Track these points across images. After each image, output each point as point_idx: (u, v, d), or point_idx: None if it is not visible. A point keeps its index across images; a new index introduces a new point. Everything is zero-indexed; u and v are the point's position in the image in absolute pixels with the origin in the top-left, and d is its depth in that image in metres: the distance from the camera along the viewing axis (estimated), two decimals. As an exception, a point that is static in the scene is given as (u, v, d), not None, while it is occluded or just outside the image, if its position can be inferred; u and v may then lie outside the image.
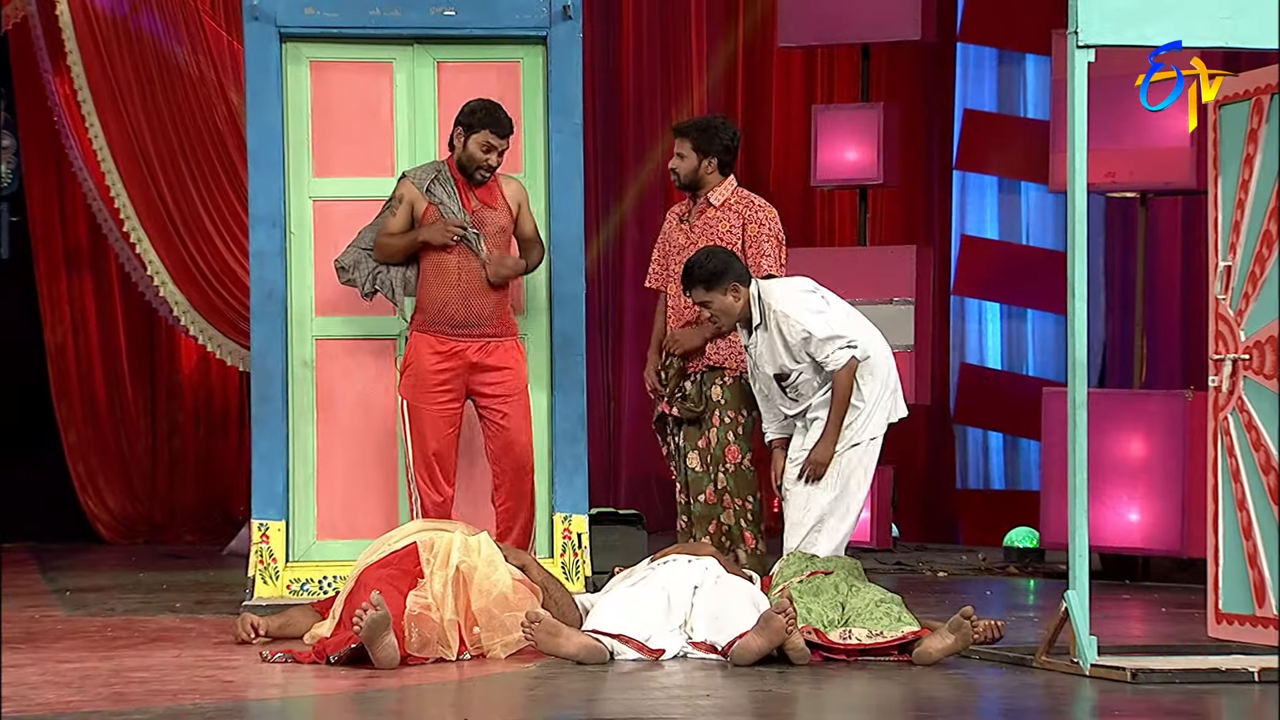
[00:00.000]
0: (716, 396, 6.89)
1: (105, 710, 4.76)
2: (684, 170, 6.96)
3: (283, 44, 7.30)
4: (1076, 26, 5.35)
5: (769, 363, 6.56)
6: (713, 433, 6.88)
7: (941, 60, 10.55)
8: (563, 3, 7.31)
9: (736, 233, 6.91)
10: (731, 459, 6.85)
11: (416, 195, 6.90)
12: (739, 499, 6.84)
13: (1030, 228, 10.54)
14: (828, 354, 6.46)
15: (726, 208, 6.95)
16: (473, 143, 6.83)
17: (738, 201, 6.97)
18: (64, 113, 10.25)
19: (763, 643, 5.49)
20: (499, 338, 6.90)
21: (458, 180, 6.89)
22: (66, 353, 10.77)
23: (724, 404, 6.88)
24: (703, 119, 7.11)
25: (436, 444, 6.84)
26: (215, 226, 10.08)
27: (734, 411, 6.87)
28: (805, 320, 6.46)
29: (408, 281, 6.96)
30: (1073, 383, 5.40)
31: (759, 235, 6.90)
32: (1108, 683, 5.16)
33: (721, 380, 6.89)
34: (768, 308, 6.53)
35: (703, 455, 6.89)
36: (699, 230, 6.96)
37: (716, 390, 6.89)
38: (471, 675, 5.45)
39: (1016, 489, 10.46)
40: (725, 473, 6.85)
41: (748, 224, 6.91)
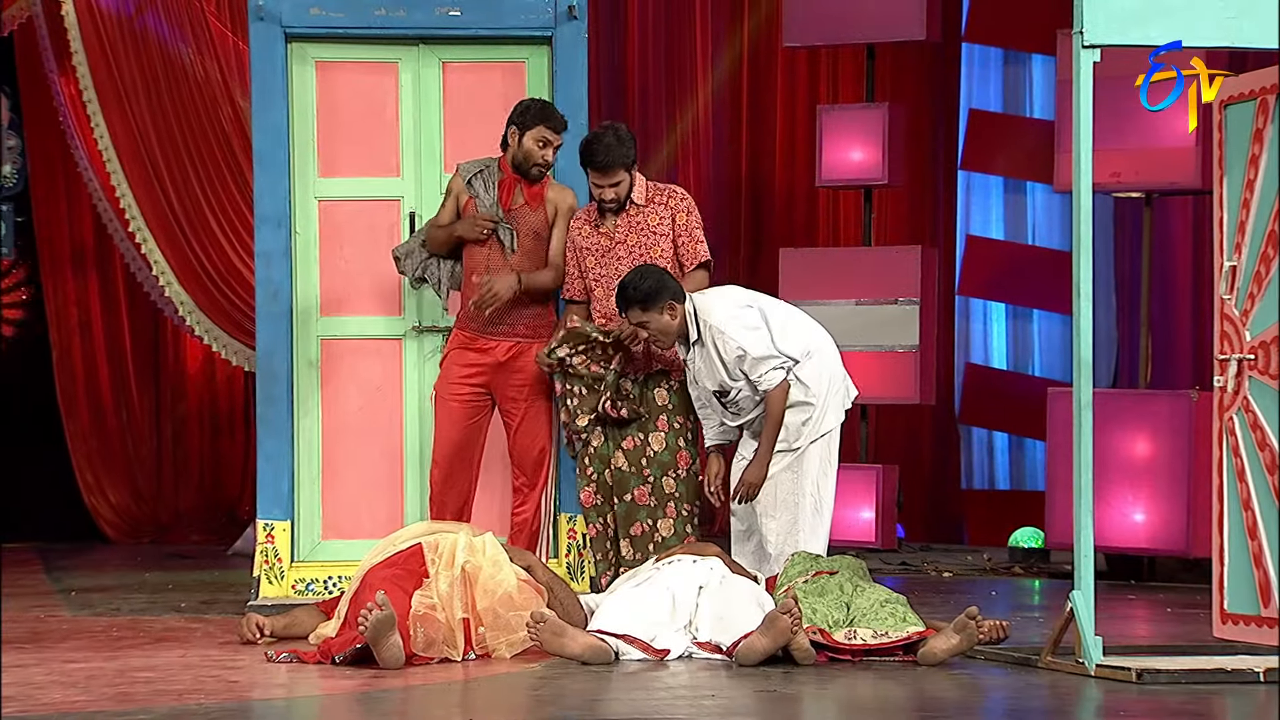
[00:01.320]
0: (662, 401, 6.80)
1: (110, 710, 4.76)
2: (624, 192, 6.77)
3: (288, 44, 7.31)
4: (1082, 26, 5.35)
5: (708, 378, 6.54)
6: (659, 437, 6.77)
7: (946, 60, 10.54)
8: (568, 3, 7.32)
9: (666, 225, 6.81)
10: (683, 464, 6.77)
11: (461, 187, 6.95)
12: (687, 504, 6.79)
13: (1037, 228, 10.53)
14: (761, 374, 6.46)
15: (651, 202, 6.85)
16: (528, 139, 6.85)
17: (658, 194, 6.87)
18: (69, 113, 10.26)
19: (768, 643, 5.49)
20: (529, 339, 6.89)
21: (506, 177, 6.90)
22: (72, 353, 10.79)
23: (671, 409, 6.80)
24: (609, 142, 6.74)
25: (453, 438, 6.86)
26: (220, 226, 10.08)
27: (682, 416, 6.80)
28: (740, 338, 6.44)
29: (455, 275, 6.98)
30: (1078, 383, 5.40)
31: (689, 224, 6.82)
32: (1113, 683, 5.16)
33: (668, 384, 6.81)
34: (704, 324, 6.49)
35: (630, 456, 6.80)
36: (625, 228, 6.82)
37: (662, 394, 6.80)
38: (476, 675, 5.45)
39: (1022, 489, 10.45)
40: (676, 478, 6.76)
41: (676, 214, 6.82)
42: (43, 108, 10.55)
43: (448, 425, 6.89)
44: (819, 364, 6.55)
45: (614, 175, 6.77)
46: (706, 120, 10.97)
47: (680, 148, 11.00)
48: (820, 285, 9.49)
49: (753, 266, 10.78)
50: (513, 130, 6.89)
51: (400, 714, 4.89)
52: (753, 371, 6.45)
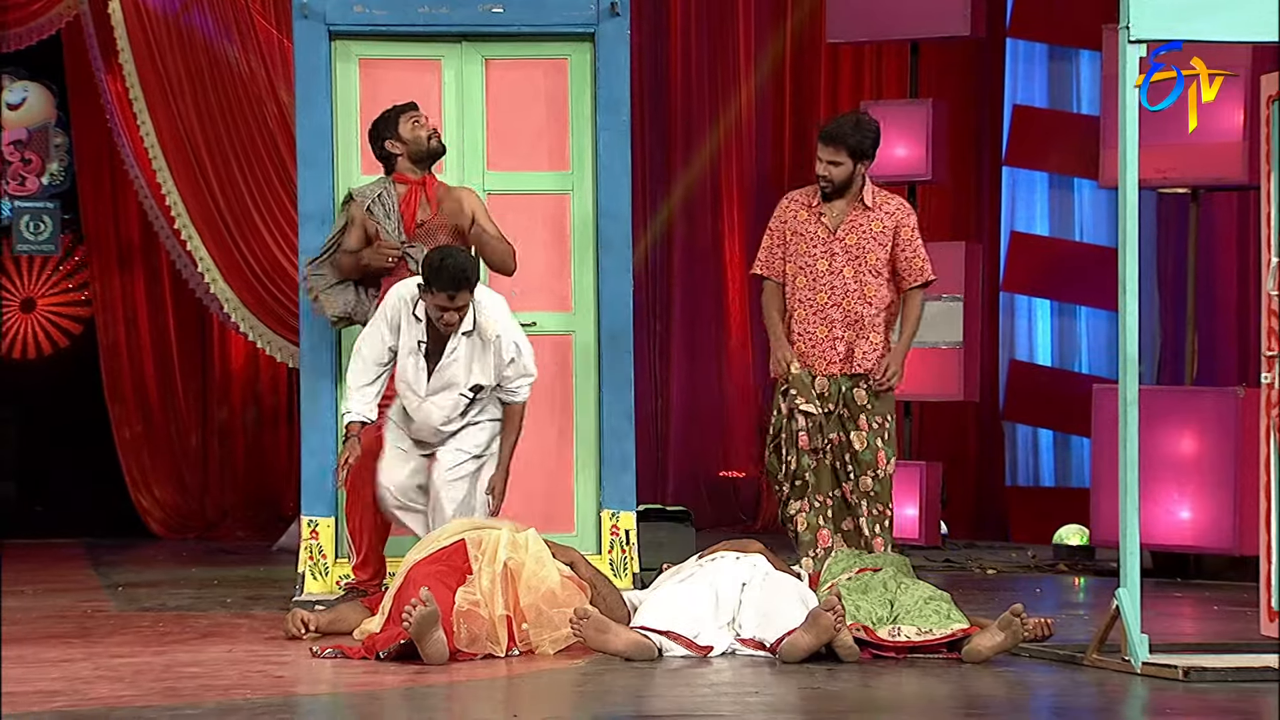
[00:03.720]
0: (862, 401, 6.73)
1: (158, 705, 4.79)
2: (839, 176, 6.71)
3: (332, 42, 7.33)
4: (1128, 21, 5.32)
5: (463, 370, 6.49)
6: (860, 437, 6.71)
7: (991, 56, 10.50)
8: (610, 0, 7.32)
9: (888, 235, 6.74)
10: (882, 464, 6.73)
11: (363, 215, 6.90)
12: (880, 504, 6.74)
13: (1083, 224, 10.48)
14: (518, 385, 6.56)
15: (879, 208, 6.77)
16: (403, 128, 6.85)
17: (886, 203, 6.79)
18: (116, 111, 10.31)
19: (811, 640, 5.48)
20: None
21: (407, 190, 6.85)
22: (119, 350, 10.85)
23: (870, 409, 6.74)
24: (849, 121, 6.78)
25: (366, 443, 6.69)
26: (265, 224, 10.12)
27: (880, 417, 6.74)
28: (522, 346, 6.52)
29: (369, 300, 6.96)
30: (1124, 380, 5.37)
31: (914, 239, 6.76)
32: (1159, 681, 5.13)
33: (866, 384, 6.73)
34: (487, 320, 6.45)
35: (835, 451, 6.74)
36: (849, 228, 6.75)
37: (861, 394, 6.73)
38: (520, 671, 5.46)
39: (1067, 486, 10.41)
40: (875, 478, 6.74)
41: (901, 227, 6.75)
42: (89, 106, 10.62)
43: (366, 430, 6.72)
44: None
45: (834, 150, 6.70)
46: (749, 117, 10.96)
47: (723, 144, 10.99)
48: (864, 282, 9.45)
49: (796, 263, 10.75)
50: (387, 141, 6.86)
51: (445, 710, 4.90)
52: (511, 381, 6.53)
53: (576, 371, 7.43)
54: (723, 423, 11.08)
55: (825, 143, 6.73)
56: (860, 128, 6.73)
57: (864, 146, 6.72)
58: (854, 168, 6.72)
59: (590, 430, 7.39)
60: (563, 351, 7.46)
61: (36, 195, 11.09)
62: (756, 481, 10.92)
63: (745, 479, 10.95)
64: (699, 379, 11.09)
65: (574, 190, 7.46)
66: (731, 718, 4.64)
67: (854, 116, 6.88)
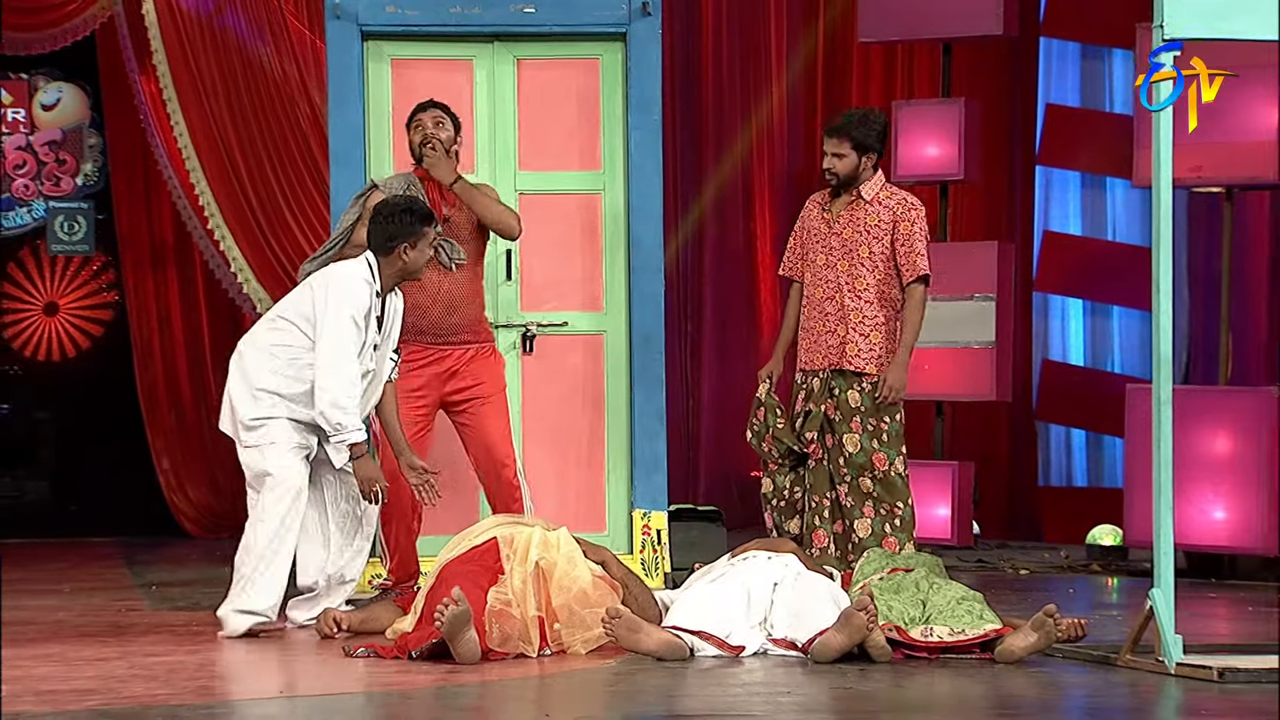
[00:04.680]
0: (855, 403, 6.78)
1: (192, 703, 4.80)
2: (843, 169, 6.79)
3: (364, 42, 7.35)
4: (1163, 20, 5.29)
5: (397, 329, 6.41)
6: (853, 439, 6.77)
7: (1024, 55, 10.47)
8: (642, 0, 7.32)
9: (886, 228, 6.79)
10: (879, 465, 6.77)
11: None
12: (886, 504, 6.77)
13: (1116, 223, 10.44)
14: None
15: (877, 202, 6.81)
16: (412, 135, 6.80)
17: (889, 197, 6.83)
18: (149, 111, 10.36)
19: (843, 640, 5.47)
20: (477, 344, 6.83)
21: (429, 184, 6.81)
22: (152, 350, 10.89)
23: (864, 411, 6.78)
24: (857, 115, 6.87)
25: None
26: (298, 223, 10.15)
27: (874, 418, 6.78)
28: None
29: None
30: (1158, 379, 5.35)
31: (911, 234, 6.77)
32: (1194, 682, 5.11)
33: (859, 386, 6.79)
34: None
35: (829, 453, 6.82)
36: (845, 222, 6.83)
37: (855, 396, 6.78)
38: (552, 671, 5.46)
39: (1099, 486, 10.38)
40: (873, 479, 6.78)
41: (899, 222, 6.78)
42: (123, 107, 10.66)
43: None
44: None
45: (836, 142, 6.79)
46: (781, 116, 10.94)
47: (755, 143, 10.98)
48: (896, 281, 9.44)
49: (828, 262, 10.74)
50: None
51: (477, 709, 4.90)
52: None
53: (608, 371, 7.43)
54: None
55: (829, 135, 6.85)
56: (866, 121, 6.81)
57: (868, 140, 6.78)
58: (858, 161, 6.79)
59: (622, 430, 7.39)
60: (594, 351, 7.46)
61: (71, 195, 11.15)
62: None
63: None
64: (730, 379, 11.08)
65: (605, 190, 7.46)
66: (764, 718, 4.64)
67: (861, 111, 6.95)
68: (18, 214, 11.15)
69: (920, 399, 9.69)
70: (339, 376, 6.13)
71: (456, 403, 6.83)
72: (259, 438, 6.24)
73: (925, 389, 9.53)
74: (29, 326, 11.50)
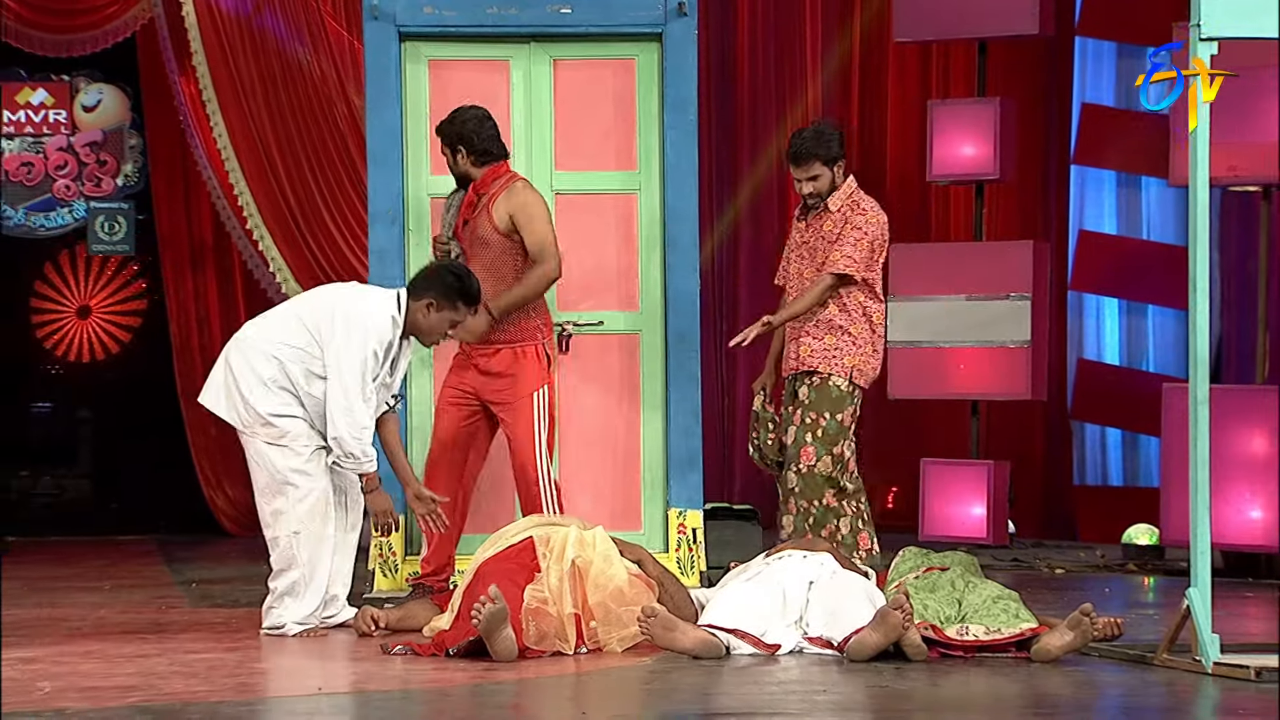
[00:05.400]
0: (803, 396, 6.88)
1: (231, 700, 4.82)
2: (822, 188, 6.91)
3: (402, 43, 7.36)
4: (1199, 19, 5.26)
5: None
6: (791, 430, 6.87)
7: (1059, 54, 10.43)
8: (678, 0, 7.31)
9: (836, 233, 6.91)
10: (805, 460, 6.80)
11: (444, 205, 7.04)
12: (805, 500, 6.80)
13: (1150, 222, 10.39)
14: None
15: (838, 211, 6.92)
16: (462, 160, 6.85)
17: (846, 203, 6.93)
18: (189, 112, 10.40)
19: (879, 638, 5.46)
20: (510, 345, 6.86)
21: (469, 193, 6.89)
22: (191, 349, 10.94)
23: (807, 404, 6.86)
24: (810, 134, 6.93)
25: (442, 439, 6.88)
26: (335, 223, 10.18)
27: (814, 413, 6.84)
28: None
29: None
30: (1194, 379, 5.32)
31: (845, 236, 6.85)
32: (1231, 681, 5.08)
33: (810, 381, 6.88)
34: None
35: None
36: (814, 231, 6.98)
37: (804, 390, 6.89)
38: (588, 669, 5.46)
39: (1135, 485, 10.33)
40: (797, 473, 6.82)
41: (845, 225, 6.88)
42: (163, 108, 10.71)
43: (440, 425, 6.91)
44: None
45: (808, 168, 6.88)
46: (817, 115, 10.91)
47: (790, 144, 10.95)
48: (932, 280, 9.44)
49: (863, 262, 10.72)
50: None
51: (514, 706, 4.90)
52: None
53: (644, 370, 7.43)
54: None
55: (796, 163, 6.92)
56: (821, 137, 6.90)
57: (832, 152, 6.90)
58: (832, 175, 6.90)
59: (657, 429, 7.39)
60: (630, 350, 7.46)
61: (111, 196, 11.21)
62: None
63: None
64: (765, 378, 11.07)
65: (641, 190, 7.46)
66: (799, 716, 4.63)
67: (811, 129, 6.99)
68: (59, 214, 11.21)
69: (956, 398, 9.68)
70: (352, 409, 6.14)
71: (492, 403, 6.87)
72: (277, 435, 6.23)
73: (961, 388, 9.51)
74: (63, 329, 11.61)
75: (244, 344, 6.32)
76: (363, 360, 6.15)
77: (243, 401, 6.25)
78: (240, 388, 6.26)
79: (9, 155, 11.13)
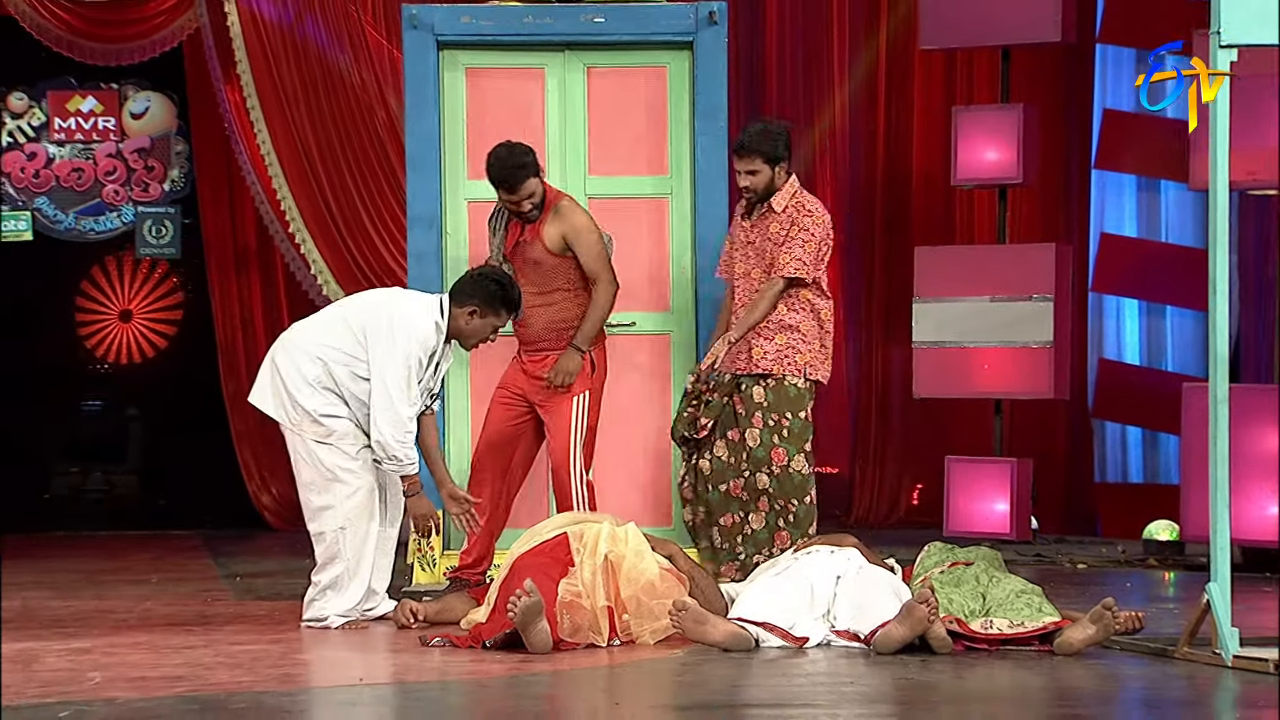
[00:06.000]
0: (759, 399, 6.80)
1: (275, 690, 4.83)
2: (759, 184, 6.83)
3: (440, 51, 7.37)
4: (1219, 26, 5.24)
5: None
6: (754, 434, 6.78)
7: (1081, 61, 10.39)
8: (709, 9, 7.31)
9: (783, 235, 6.83)
10: (777, 461, 6.76)
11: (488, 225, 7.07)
12: (780, 499, 6.76)
13: (1169, 225, 10.35)
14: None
15: (783, 212, 6.85)
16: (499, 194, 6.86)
17: (792, 205, 6.86)
18: (234, 119, 10.42)
19: (905, 632, 5.45)
20: (555, 351, 6.91)
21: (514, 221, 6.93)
22: (236, 348, 10.96)
23: (767, 407, 6.79)
24: (757, 130, 6.87)
25: (488, 437, 6.93)
26: (375, 228, 10.19)
27: (776, 414, 6.78)
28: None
29: None
30: (1214, 378, 5.29)
31: (790, 234, 6.79)
32: (1250, 674, 5.05)
33: (764, 383, 6.80)
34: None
35: (732, 448, 6.83)
36: (758, 232, 6.89)
37: (759, 392, 6.80)
38: (621, 661, 5.46)
39: (1155, 483, 10.28)
40: (770, 474, 6.76)
41: (792, 226, 6.82)
42: (209, 115, 10.74)
43: (487, 424, 6.96)
44: None
45: (748, 161, 6.79)
46: (844, 121, 10.90)
47: (818, 148, 10.94)
48: (956, 282, 9.41)
49: (889, 264, 10.71)
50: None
51: (549, 697, 4.90)
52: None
53: (675, 370, 7.43)
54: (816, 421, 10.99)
55: (739, 155, 6.84)
56: (768, 134, 6.81)
57: (776, 151, 6.80)
58: (771, 173, 6.81)
59: (689, 427, 7.37)
60: (661, 350, 7.46)
61: (159, 201, 11.26)
62: (849, 477, 10.88)
63: (838, 475, 10.90)
64: (793, 377, 11.05)
65: (672, 194, 7.46)
66: (827, 707, 4.62)
67: (760, 125, 6.90)
68: (108, 218, 11.27)
69: (979, 397, 9.65)
70: (397, 414, 6.15)
71: (537, 403, 6.93)
72: (324, 434, 6.24)
73: (985, 387, 9.48)
74: (106, 332, 11.73)
75: (289, 345, 6.34)
76: (406, 366, 6.17)
77: (290, 400, 6.27)
78: (287, 387, 6.27)
79: (60, 161, 11.19)
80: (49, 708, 4.51)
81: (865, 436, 10.88)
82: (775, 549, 6.71)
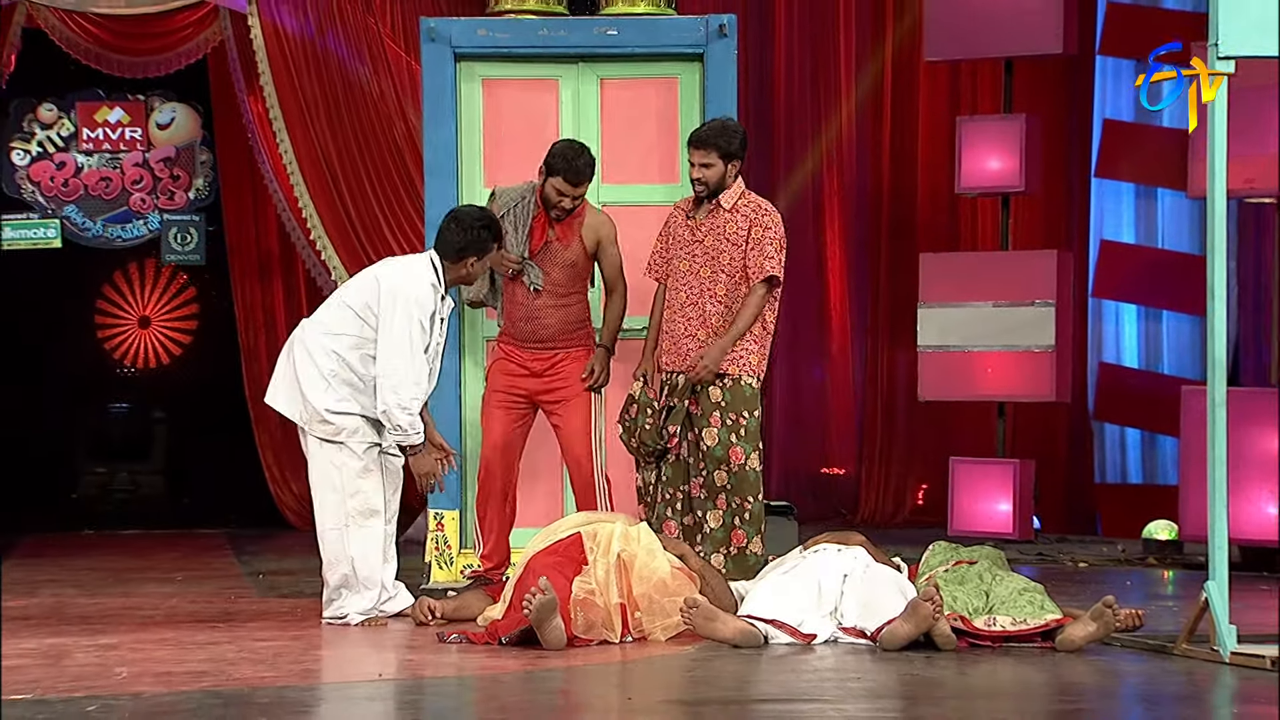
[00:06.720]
0: (716, 398, 6.69)
1: (297, 685, 4.83)
2: (712, 178, 6.71)
3: (457, 63, 7.38)
4: (1217, 38, 5.22)
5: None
6: (711, 433, 6.69)
7: (1081, 73, 10.38)
8: (719, 22, 7.31)
9: (742, 235, 6.72)
10: (735, 460, 6.70)
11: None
12: (738, 498, 6.70)
13: (1166, 232, 10.34)
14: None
15: (735, 210, 6.75)
16: (549, 185, 6.78)
17: (745, 205, 6.76)
18: (257, 130, 10.44)
19: (910, 629, 5.44)
20: (566, 349, 6.87)
21: (539, 213, 6.84)
22: (258, 353, 10.98)
23: (725, 406, 6.69)
24: (717, 125, 6.78)
25: (496, 441, 6.85)
26: (393, 234, 10.20)
27: (734, 413, 6.70)
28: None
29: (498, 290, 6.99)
30: (1212, 381, 5.28)
31: (762, 239, 6.70)
32: (1248, 670, 5.04)
33: (721, 383, 6.70)
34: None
35: (691, 448, 6.75)
36: (706, 230, 6.77)
37: (716, 392, 6.69)
38: (634, 657, 5.45)
39: (1154, 483, 10.27)
40: (728, 472, 6.70)
41: (753, 226, 6.72)
42: (232, 125, 10.76)
43: (493, 428, 6.87)
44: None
45: (704, 154, 6.70)
46: (850, 131, 10.90)
47: (825, 157, 10.94)
48: (959, 288, 9.41)
49: (895, 271, 10.70)
50: (541, 168, 6.80)
51: (563, 692, 4.90)
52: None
53: (686, 373, 7.41)
54: (824, 423, 11.03)
55: (695, 146, 6.74)
56: (726, 130, 6.74)
57: (732, 147, 6.71)
58: (725, 169, 6.71)
59: (699, 429, 7.36)
60: (672, 354, 7.44)
61: (184, 209, 11.28)
62: (855, 478, 10.87)
63: (845, 475, 10.90)
64: (801, 381, 11.05)
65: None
66: (835, 702, 4.61)
67: (720, 121, 6.83)
68: (134, 226, 11.29)
69: (983, 400, 9.64)
70: (405, 382, 6.11)
71: (545, 402, 6.88)
72: (333, 432, 6.21)
73: (988, 390, 9.48)
74: (126, 338, 11.76)
75: (304, 339, 6.33)
76: (409, 334, 6.12)
77: (302, 398, 6.26)
78: (301, 383, 6.25)
79: (88, 170, 11.21)
80: (77, 702, 4.52)
81: (872, 438, 10.87)
82: (733, 547, 6.67)
